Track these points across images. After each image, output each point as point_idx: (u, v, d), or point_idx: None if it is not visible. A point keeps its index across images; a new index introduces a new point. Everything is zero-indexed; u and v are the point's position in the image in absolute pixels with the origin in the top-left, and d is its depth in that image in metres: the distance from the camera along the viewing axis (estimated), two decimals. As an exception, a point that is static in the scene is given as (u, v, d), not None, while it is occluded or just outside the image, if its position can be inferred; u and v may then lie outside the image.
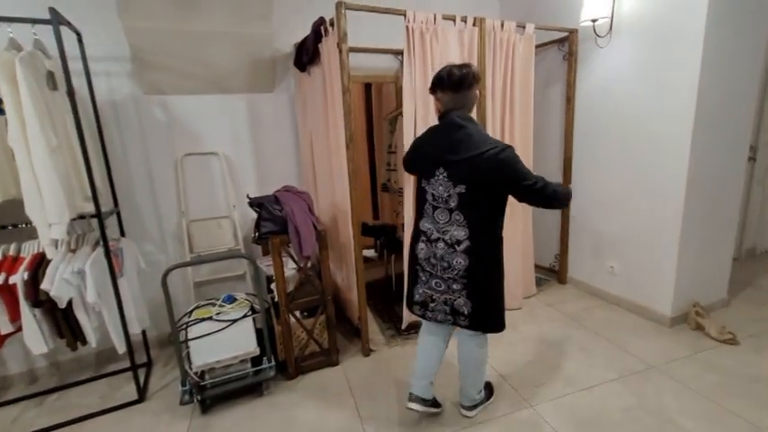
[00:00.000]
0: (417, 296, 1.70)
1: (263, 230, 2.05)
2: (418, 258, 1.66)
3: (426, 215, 1.62)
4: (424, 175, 1.60)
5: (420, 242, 1.64)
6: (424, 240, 1.62)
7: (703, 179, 2.37)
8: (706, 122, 2.27)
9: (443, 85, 1.51)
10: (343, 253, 2.57)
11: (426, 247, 1.62)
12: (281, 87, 2.81)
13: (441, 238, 1.57)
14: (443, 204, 1.55)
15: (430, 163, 1.57)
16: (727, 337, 2.32)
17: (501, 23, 2.50)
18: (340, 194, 2.39)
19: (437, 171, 1.54)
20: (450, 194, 1.53)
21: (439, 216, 1.57)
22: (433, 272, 1.62)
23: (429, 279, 1.64)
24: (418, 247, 1.65)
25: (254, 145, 2.79)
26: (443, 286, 1.61)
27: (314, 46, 2.30)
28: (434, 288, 1.64)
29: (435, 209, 1.58)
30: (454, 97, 1.51)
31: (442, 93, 1.53)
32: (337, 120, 2.20)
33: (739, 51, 2.29)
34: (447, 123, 1.54)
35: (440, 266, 1.59)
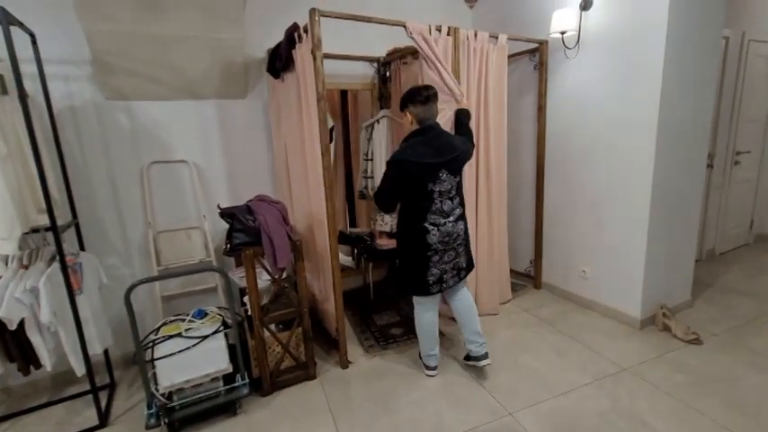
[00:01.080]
0: (432, 278, 2.01)
1: (235, 242, 1.97)
2: (430, 245, 1.95)
3: (432, 210, 1.92)
4: (430, 180, 1.89)
5: (429, 232, 1.93)
6: (434, 229, 1.93)
7: (667, 186, 2.47)
8: (668, 133, 2.38)
9: (415, 100, 1.92)
10: (320, 263, 2.51)
11: (438, 232, 1.94)
12: (254, 94, 2.74)
13: (448, 220, 1.95)
14: (447, 195, 1.94)
15: (434, 168, 1.88)
16: (692, 338, 2.41)
17: (474, 33, 2.54)
18: (316, 203, 2.34)
19: (440, 172, 1.90)
20: (451, 186, 1.95)
21: (445, 205, 1.95)
22: (446, 248, 1.98)
23: (442, 256, 1.98)
24: (429, 236, 1.94)
25: (226, 153, 2.71)
26: (453, 254, 2.02)
27: (287, 52, 2.26)
28: (446, 261, 2.00)
29: (442, 202, 1.93)
30: (426, 109, 1.92)
31: (413, 106, 1.93)
32: (312, 127, 2.16)
33: (697, 64, 2.41)
34: (436, 134, 1.94)
35: (451, 239, 1.98)
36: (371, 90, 3.30)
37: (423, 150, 1.87)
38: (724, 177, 3.72)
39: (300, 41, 2.17)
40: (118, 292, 2.32)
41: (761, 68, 3.67)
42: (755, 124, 3.82)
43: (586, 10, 2.60)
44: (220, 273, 1.86)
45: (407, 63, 3.01)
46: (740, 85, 3.54)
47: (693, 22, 2.31)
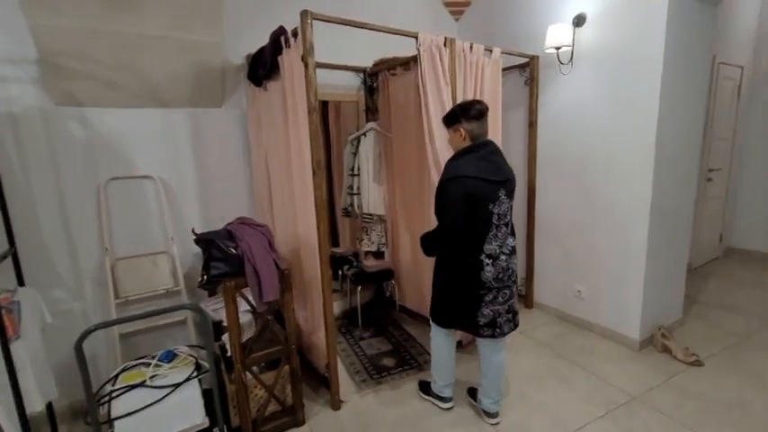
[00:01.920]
0: (483, 319, 1.76)
1: (213, 273, 1.70)
2: (485, 283, 1.72)
3: (491, 237, 1.70)
4: (491, 200, 1.67)
5: (484, 269, 1.70)
6: (490, 262, 1.70)
7: (664, 203, 2.45)
8: (665, 151, 2.35)
9: (469, 114, 1.70)
10: (308, 290, 2.26)
11: (493, 267, 1.71)
12: (232, 102, 2.48)
13: (502, 252, 1.72)
14: (503, 220, 1.72)
15: (495, 187, 1.68)
16: (693, 360, 2.36)
17: (470, 46, 2.43)
18: (304, 225, 2.10)
19: (500, 192, 1.69)
20: (507, 209, 1.73)
21: (500, 232, 1.72)
22: (501, 285, 1.74)
23: (497, 295, 1.74)
24: (484, 273, 1.71)
25: (198, 168, 2.42)
26: (508, 293, 1.77)
27: (272, 58, 2.04)
28: (500, 301, 1.75)
29: (498, 227, 1.71)
30: (480, 125, 1.72)
31: (467, 122, 1.71)
32: (302, 142, 1.94)
33: (690, 83, 2.42)
34: (492, 150, 1.72)
35: (506, 276, 1.74)
36: (357, 101, 3.12)
37: (482, 166, 1.66)
38: (698, 194, 3.82)
39: (288, 46, 1.96)
40: (66, 331, 1.96)
41: (728, 90, 3.84)
42: (725, 142, 3.97)
43: (579, 26, 2.57)
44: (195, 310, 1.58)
45: (396, 74, 2.86)
46: (712, 105, 3.67)
47: (688, 42, 2.32)
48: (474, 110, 1.69)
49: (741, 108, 4.05)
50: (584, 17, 2.54)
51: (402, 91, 2.81)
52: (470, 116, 1.69)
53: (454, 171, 1.65)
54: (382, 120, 3.02)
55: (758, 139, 4.09)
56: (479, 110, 1.69)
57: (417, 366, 2.46)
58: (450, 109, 1.75)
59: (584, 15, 2.54)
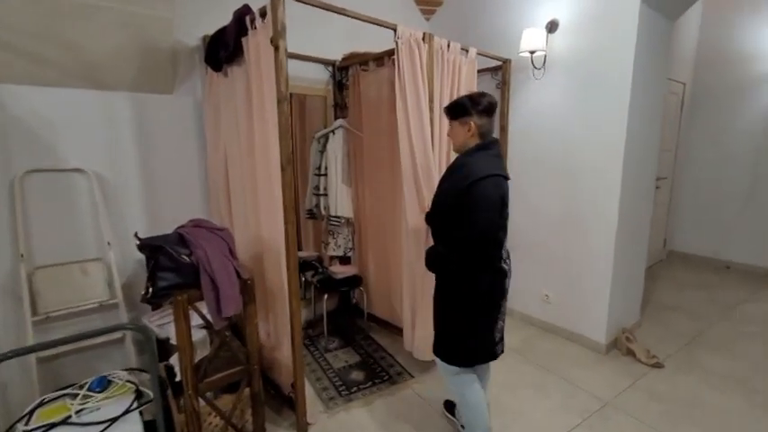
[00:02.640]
0: (498, 333, 1.60)
1: (160, 285, 1.44)
2: (506, 291, 1.58)
3: (503, 245, 1.55)
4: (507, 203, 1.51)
5: (508, 272, 1.57)
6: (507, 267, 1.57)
7: (629, 208, 2.51)
8: (631, 157, 2.41)
9: (480, 108, 1.48)
10: (271, 301, 2.04)
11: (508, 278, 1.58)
12: (185, 89, 2.20)
13: (508, 254, 1.59)
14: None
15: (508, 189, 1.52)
16: (654, 362, 2.44)
17: (447, 44, 2.34)
18: (269, 227, 1.88)
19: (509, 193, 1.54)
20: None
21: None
22: (504, 299, 1.59)
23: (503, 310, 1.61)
24: (508, 279, 1.57)
25: (144, 161, 2.11)
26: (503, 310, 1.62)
27: (236, 39, 1.80)
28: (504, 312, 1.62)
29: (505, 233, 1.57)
30: (490, 121, 1.52)
31: (478, 116, 1.49)
32: (268, 135, 1.73)
33: (652, 92, 2.52)
34: (499, 152, 1.54)
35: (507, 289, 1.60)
36: (325, 96, 2.93)
37: (500, 164, 1.49)
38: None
39: (254, 28, 1.74)
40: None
41: (673, 105, 4.12)
42: (669, 153, 4.26)
43: (552, 33, 2.58)
44: (137, 330, 1.31)
45: (368, 70, 2.71)
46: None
47: (652, 55, 2.40)
48: (485, 102, 1.47)
49: (684, 122, 4.36)
50: (557, 23, 2.56)
51: (374, 87, 2.67)
52: (481, 109, 1.47)
53: (481, 169, 1.39)
54: (352, 117, 2.85)
55: (698, 151, 4.43)
56: (490, 103, 1.48)
57: (389, 379, 2.32)
58: (457, 99, 1.53)
59: (557, 22, 2.56)
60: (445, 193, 1.51)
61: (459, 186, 1.40)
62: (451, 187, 1.46)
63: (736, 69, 4.03)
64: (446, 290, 1.57)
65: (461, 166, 1.48)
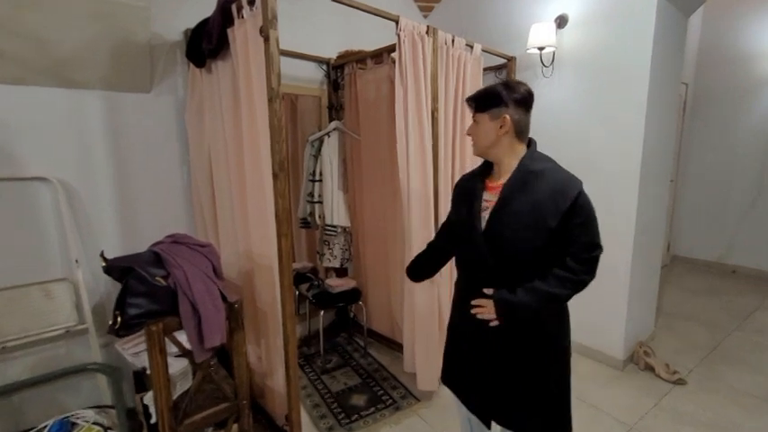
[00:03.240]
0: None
1: (131, 313, 1.22)
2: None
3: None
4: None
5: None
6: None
7: (647, 213, 2.36)
8: (648, 164, 2.27)
9: (517, 98, 1.12)
10: (263, 322, 1.83)
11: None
12: (164, 87, 1.99)
13: None
14: None
15: None
16: (676, 378, 2.28)
17: (452, 39, 2.17)
18: (260, 241, 1.68)
19: None
20: None
21: None
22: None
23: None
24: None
25: (118, 169, 1.89)
26: None
27: (220, 30, 1.60)
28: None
29: None
30: (528, 116, 1.17)
31: (515, 107, 1.12)
32: (259, 137, 1.53)
33: (669, 94, 2.38)
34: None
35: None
36: (320, 97, 2.74)
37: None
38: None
39: (242, 17, 1.54)
40: None
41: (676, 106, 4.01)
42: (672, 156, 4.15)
43: (561, 28, 2.43)
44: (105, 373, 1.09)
45: (366, 68, 2.53)
46: (665, 118, 3.80)
47: (669, 52, 2.27)
48: (523, 91, 1.13)
49: (686, 123, 4.26)
50: (567, 18, 2.41)
51: (373, 87, 2.49)
52: (519, 99, 1.12)
53: (571, 176, 1.12)
54: (349, 119, 2.66)
55: (701, 153, 4.33)
56: (529, 93, 1.15)
57: (393, 404, 2.12)
58: (488, 88, 1.17)
59: (567, 17, 2.41)
60: (531, 217, 1.08)
61: (560, 204, 1.06)
62: (538, 207, 1.07)
63: (740, 69, 3.95)
64: (539, 337, 1.17)
65: (538, 177, 1.10)
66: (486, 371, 1.18)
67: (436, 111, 2.09)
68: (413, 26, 1.93)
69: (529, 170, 1.11)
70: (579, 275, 1.09)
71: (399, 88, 1.97)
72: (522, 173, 1.12)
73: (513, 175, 1.12)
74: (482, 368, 1.19)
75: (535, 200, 1.07)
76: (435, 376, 2.06)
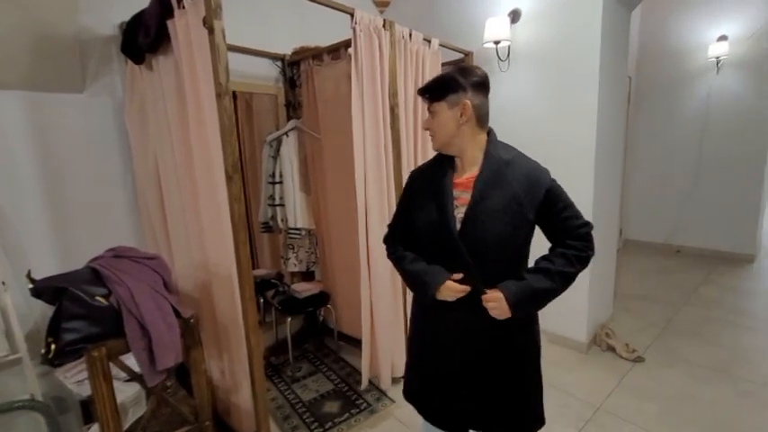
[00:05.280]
0: None
1: (67, 339, 1.09)
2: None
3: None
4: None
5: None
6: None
7: (602, 202, 2.45)
8: (602, 150, 2.35)
9: (475, 81, 1.04)
10: (223, 336, 1.71)
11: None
12: (99, 86, 1.81)
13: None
14: None
15: None
16: (635, 357, 2.39)
17: (409, 33, 2.15)
18: (216, 250, 1.57)
19: None
20: None
21: None
22: None
23: None
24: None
25: (48, 178, 1.70)
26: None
27: (159, 22, 1.47)
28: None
29: None
30: (486, 102, 1.09)
31: (473, 92, 1.04)
32: (208, 138, 1.42)
33: (617, 86, 2.48)
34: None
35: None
36: (276, 95, 2.62)
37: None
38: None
39: (182, 7, 1.42)
40: None
41: (622, 97, 4.24)
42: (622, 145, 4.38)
43: (515, 23, 2.47)
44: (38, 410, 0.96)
45: (322, 64, 2.45)
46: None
47: (615, 45, 2.36)
48: (478, 75, 1.05)
49: (630, 114, 4.51)
50: (520, 13, 2.45)
51: (331, 83, 2.41)
52: (477, 83, 1.04)
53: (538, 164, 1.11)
54: (307, 117, 2.57)
55: (644, 142, 4.61)
56: (486, 76, 1.07)
57: (368, 408, 2.06)
58: (442, 75, 1.08)
59: (519, 11, 2.45)
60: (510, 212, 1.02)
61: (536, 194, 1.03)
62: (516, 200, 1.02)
63: (676, 63, 4.23)
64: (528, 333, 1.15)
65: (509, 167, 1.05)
66: (475, 379, 1.11)
67: (396, 107, 2.06)
68: (369, 19, 1.88)
69: (500, 161, 1.05)
70: (584, 251, 1.07)
71: (355, 84, 1.91)
72: (493, 164, 1.04)
73: (485, 168, 1.05)
74: (470, 378, 1.12)
75: (511, 193, 1.02)
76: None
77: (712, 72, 4.02)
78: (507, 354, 1.11)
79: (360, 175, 1.92)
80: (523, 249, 1.08)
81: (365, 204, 1.98)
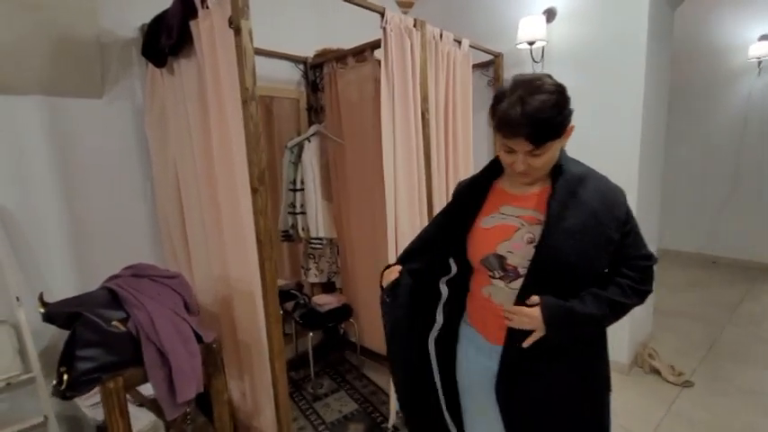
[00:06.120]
0: None
1: (82, 368, 0.99)
2: None
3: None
4: None
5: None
6: None
7: (645, 212, 2.28)
8: (645, 160, 2.19)
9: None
10: (245, 356, 1.61)
11: None
12: (119, 91, 1.73)
13: None
14: None
15: None
16: (683, 381, 2.21)
17: (440, 33, 2.03)
18: (238, 266, 1.47)
19: None
20: None
21: None
22: None
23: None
24: None
25: (67, 187, 1.62)
26: None
27: (182, 23, 1.38)
28: None
29: None
30: None
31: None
32: (232, 147, 1.32)
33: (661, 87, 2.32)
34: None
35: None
36: (298, 99, 2.53)
37: None
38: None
39: (206, 7, 1.33)
40: None
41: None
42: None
43: (549, 22, 2.33)
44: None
45: (347, 67, 2.34)
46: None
47: (660, 44, 2.20)
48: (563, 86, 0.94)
49: (664, 118, 4.31)
50: (555, 12, 2.31)
51: (355, 87, 2.30)
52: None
53: (608, 179, 0.99)
54: (330, 122, 2.47)
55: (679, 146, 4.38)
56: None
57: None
58: (555, 106, 0.85)
59: (555, 10, 2.31)
60: (591, 233, 0.88)
61: (616, 212, 0.91)
62: (597, 220, 0.89)
63: (713, 63, 4.01)
64: (594, 360, 1.02)
65: (582, 182, 0.92)
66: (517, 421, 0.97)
67: (426, 112, 1.93)
68: (399, 19, 1.76)
69: (573, 175, 0.91)
70: (641, 285, 0.93)
71: (385, 88, 1.79)
72: (569, 180, 0.90)
73: (561, 185, 0.90)
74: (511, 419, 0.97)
75: (590, 211, 0.88)
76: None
77: (753, 73, 3.80)
78: (558, 387, 0.95)
79: (390, 185, 1.80)
80: (600, 277, 0.94)
81: (395, 215, 1.85)
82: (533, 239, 0.92)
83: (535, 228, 0.92)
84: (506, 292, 0.96)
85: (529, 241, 0.93)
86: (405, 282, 1.11)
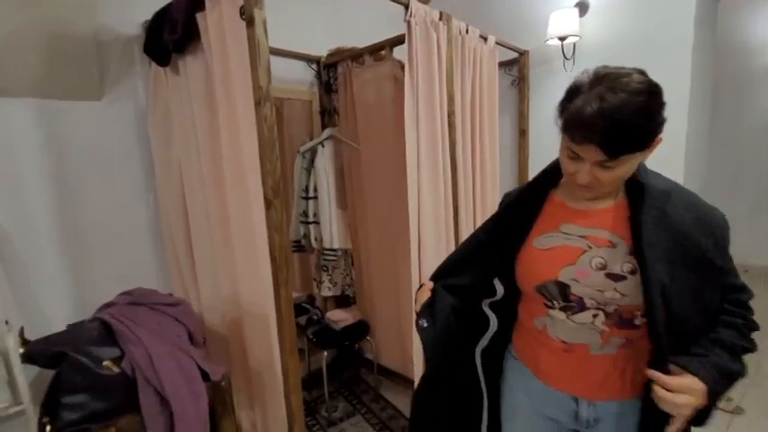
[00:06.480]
0: None
1: (67, 419, 0.84)
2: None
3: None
4: None
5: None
6: None
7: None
8: (690, 163, 2.01)
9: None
10: (257, 383, 1.45)
11: None
12: (120, 92, 1.59)
13: None
14: None
15: None
16: (733, 407, 2.01)
17: (466, 28, 1.87)
18: (249, 288, 1.31)
19: None
20: None
21: None
22: None
23: None
24: None
25: (61, 199, 1.48)
26: None
27: (187, 16, 1.24)
28: None
29: None
30: None
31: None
32: (243, 153, 1.17)
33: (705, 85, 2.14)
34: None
35: None
36: (311, 101, 2.38)
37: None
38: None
39: None
40: None
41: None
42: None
43: (582, 16, 2.15)
44: None
45: (362, 66, 2.19)
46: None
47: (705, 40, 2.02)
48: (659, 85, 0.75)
49: (691, 119, 4.11)
50: (587, 4, 2.14)
51: (372, 87, 2.15)
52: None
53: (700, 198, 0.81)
54: (345, 125, 2.32)
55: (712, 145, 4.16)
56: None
57: (418, 465, 1.76)
58: (644, 103, 0.66)
59: (587, 3, 2.14)
60: (700, 263, 0.73)
61: (718, 237, 0.74)
62: (691, 245, 0.73)
63: (754, 58, 3.79)
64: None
65: (669, 200, 0.75)
66: None
67: (452, 114, 1.77)
68: (425, 11, 1.61)
69: (659, 192, 0.75)
70: (751, 324, 0.78)
71: (409, 87, 1.63)
72: (656, 198, 0.74)
73: (647, 203, 0.74)
74: None
75: (683, 233, 0.72)
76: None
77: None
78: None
79: (413, 194, 1.64)
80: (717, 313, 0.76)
81: (418, 226, 1.69)
82: (604, 265, 0.76)
83: (606, 251, 0.77)
84: (569, 327, 0.81)
85: (598, 267, 0.77)
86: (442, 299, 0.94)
